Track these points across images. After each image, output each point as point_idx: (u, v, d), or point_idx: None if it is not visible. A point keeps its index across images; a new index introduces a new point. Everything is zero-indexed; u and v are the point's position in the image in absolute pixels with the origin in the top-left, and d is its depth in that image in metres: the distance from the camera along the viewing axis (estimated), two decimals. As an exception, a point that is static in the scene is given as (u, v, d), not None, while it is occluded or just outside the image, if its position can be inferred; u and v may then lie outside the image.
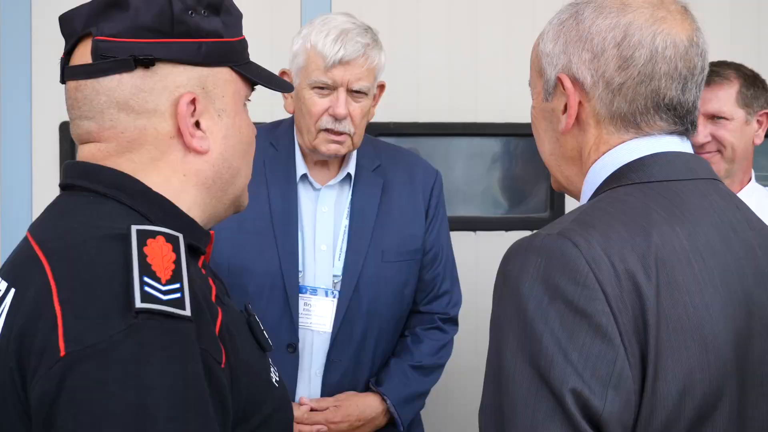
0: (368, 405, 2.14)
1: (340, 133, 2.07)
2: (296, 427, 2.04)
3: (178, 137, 1.17)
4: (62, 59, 1.22)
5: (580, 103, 1.20)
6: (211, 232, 1.24)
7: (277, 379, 1.27)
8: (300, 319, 2.09)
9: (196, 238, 1.18)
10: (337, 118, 2.05)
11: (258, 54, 1.39)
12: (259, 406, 1.18)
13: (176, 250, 1.08)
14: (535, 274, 1.04)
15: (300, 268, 2.11)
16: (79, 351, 0.98)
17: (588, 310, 1.01)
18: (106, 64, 1.15)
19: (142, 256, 1.04)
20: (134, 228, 1.07)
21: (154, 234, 1.07)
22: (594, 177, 1.21)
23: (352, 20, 2.09)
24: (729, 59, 2.45)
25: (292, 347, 2.08)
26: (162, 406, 0.98)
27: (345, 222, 2.15)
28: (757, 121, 2.41)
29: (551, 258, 1.04)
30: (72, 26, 1.19)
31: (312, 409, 2.09)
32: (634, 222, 1.08)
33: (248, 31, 1.30)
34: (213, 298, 1.16)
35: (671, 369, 1.02)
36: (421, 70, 3.18)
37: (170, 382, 0.99)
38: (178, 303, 1.03)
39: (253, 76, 1.26)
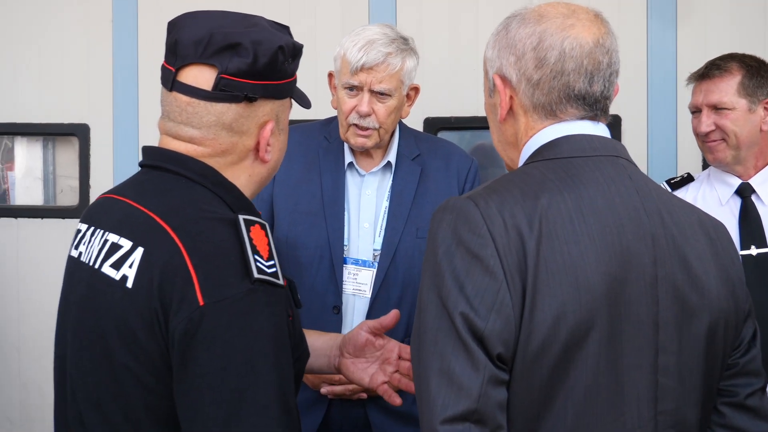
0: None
1: (365, 128, 2.39)
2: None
3: (254, 150, 1.54)
4: (167, 69, 1.51)
5: (511, 97, 1.46)
6: (259, 212, 1.60)
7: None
8: (344, 286, 2.42)
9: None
10: (361, 115, 2.37)
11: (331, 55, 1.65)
12: (298, 347, 1.55)
13: (267, 235, 1.46)
14: (447, 227, 1.34)
15: (345, 243, 2.43)
16: (214, 303, 1.35)
17: (481, 254, 1.30)
18: (223, 95, 1.47)
19: (250, 239, 1.42)
20: (241, 217, 1.43)
21: (253, 222, 1.46)
22: (524, 156, 1.47)
23: (384, 31, 2.38)
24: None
25: (336, 309, 2.41)
26: (267, 344, 1.37)
27: (385, 204, 2.47)
28: (765, 108, 2.50)
29: (459, 215, 1.33)
30: (187, 51, 1.48)
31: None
32: (530, 188, 1.36)
33: (324, 35, 1.59)
34: None
35: (547, 301, 1.29)
36: (480, 68, 3.44)
37: (272, 330, 1.39)
38: (276, 275, 1.42)
39: (300, 102, 1.63)
